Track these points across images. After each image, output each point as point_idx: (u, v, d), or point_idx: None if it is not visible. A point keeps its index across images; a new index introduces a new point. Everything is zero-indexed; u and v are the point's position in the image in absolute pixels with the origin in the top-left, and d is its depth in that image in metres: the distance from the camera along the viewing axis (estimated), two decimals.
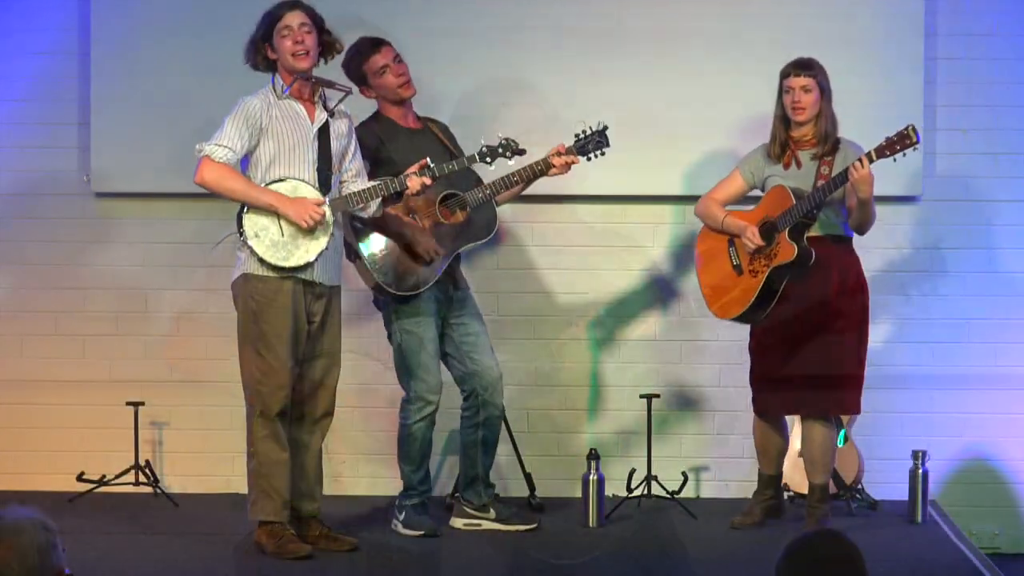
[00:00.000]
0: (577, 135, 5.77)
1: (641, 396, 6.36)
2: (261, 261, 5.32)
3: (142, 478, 6.46)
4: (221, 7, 6.49)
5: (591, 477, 5.98)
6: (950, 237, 6.61)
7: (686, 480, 6.39)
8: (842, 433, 6.03)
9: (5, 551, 2.81)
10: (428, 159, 5.52)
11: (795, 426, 6.08)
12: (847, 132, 5.89)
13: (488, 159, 5.63)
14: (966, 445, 6.58)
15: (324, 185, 5.40)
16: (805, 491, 5.96)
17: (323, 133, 5.43)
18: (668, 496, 6.24)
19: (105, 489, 6.42)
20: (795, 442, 6.08)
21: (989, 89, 6.57)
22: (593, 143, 5.78)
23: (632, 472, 6.31)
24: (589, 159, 5.80)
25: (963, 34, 6.56)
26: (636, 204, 6.65)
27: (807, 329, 5.67)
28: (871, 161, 5.51)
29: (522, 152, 5.67)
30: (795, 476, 6.16)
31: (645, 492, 6.27)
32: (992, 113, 6.58)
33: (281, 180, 5.36)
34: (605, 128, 5.77)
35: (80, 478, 6.44)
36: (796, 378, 5.70)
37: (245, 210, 5.33)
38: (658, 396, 6.40)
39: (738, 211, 5.84)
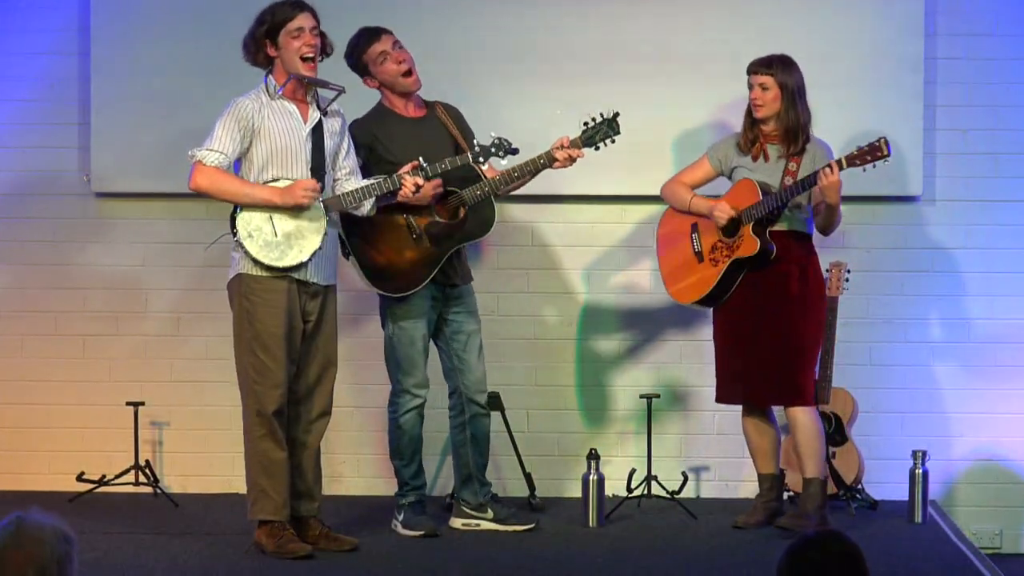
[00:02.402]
0: (586, 123, 5.69)
1: (641, 396, 6.37)
2: (255, 261, 5.32)
3: (142, 478, 6.46)
4: (221, 8, 6.49)
5: (591, 477, 5.98)
6: (950, 237, 6.61)
7: (686, 480, 6.39)
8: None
9: (24, 558, 2.74)
10: (420, 159, 5.49)
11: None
12: (847, 132, 5.91)
13: (481, 158, 5.61)
14: (966, 445, 6.58)
15: (319, 183, 5.39)
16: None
17: (316, 132, 5.43)
18: (668, 496, 6.23)
19: (105, 489, 6.42)
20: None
21: (989, 89, 6.57)
22: (601, 133, 5.68)
23: (632, 472, 6.31)
24: (597, 148, 5.71)
25: (963, 34, 6.56)
26: (636, 204, 6.65)
27: (766, 321, 5.74)
28: (840, 168, 5.56)
29: (515, 151, 5.62)
30: (794, 476, 6.17)
31: (645, 492, 6.27)
32: (992, 113, 6.58)
33: (275, 181, 5.35)
34: (616, 115, 5.69)
35: (80, 478, 6.44)
36: (754, 368, 5.76)
37: (238, 211, 5.33)
38: (658, 396, 6.40)
39: (703, 197, 5.90)
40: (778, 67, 5.77)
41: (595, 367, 6.71)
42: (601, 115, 5.66)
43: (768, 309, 5.75)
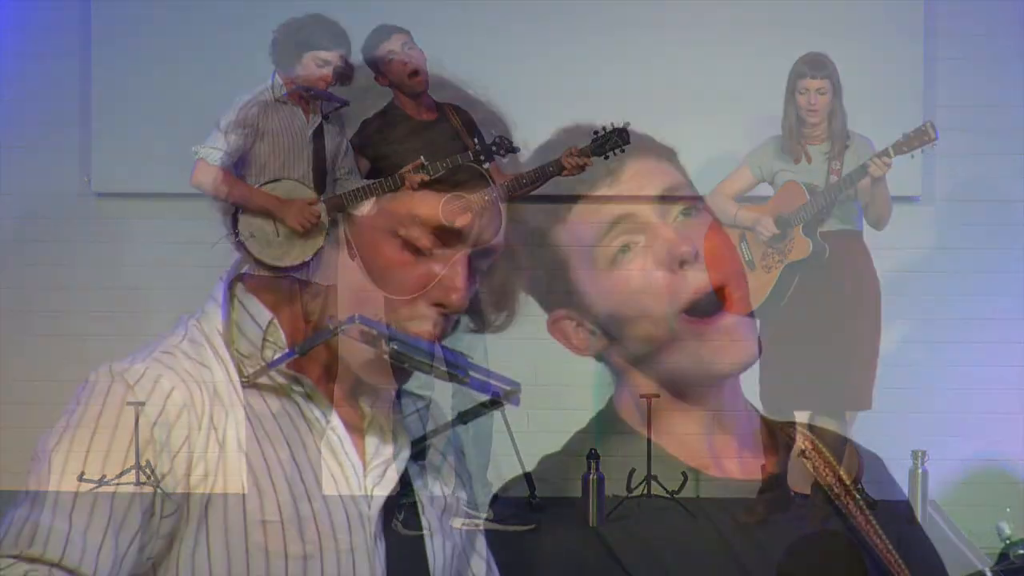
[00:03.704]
0: (596, 132, 5.73)
1: (641, 396, 6.36)
2: (256, 261, 5.33)
3: (142, 478, 6.45)
4: (222, 7, 6.50)
5: (591, 477, 5.98)
6: (950, 237, 6.62)
7: (686, 480, 6.38)
8: None
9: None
10: (422, 158, 5.50)
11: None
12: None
13: (482, 156, 5.62)
14: (966, 445, 6.59)
15: (320, 185, 5.40)
16: (805, 491, 5.97)
17: (318, 134, 5.44)
18: (668, 496, 6.23)
19: (105, 489, 6.41)
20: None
21: (989, 89, 6.58)
22: (611, 142, 5.73)
23: (632, 472, 6.31)
24: (607, 158, 5.76)
25: (963, 34, 6.57)
26: (635, 204, 6.65)
27: (823, 324, 5.71)
28: (890, 157, 5.59)
29: (516, 150, 5.64)
30: (795, 476, 6.17)
31: (645, 492, 6.27)
32: (992, 113, 6.58)
33: (276, 180, 5.36)
34: (626, 125, 5.75)
35: (80, 478, 6.43)
36: (810, 374, 5.73)
37: (239, 211, 5.34)
38: (658, 396, 6.39)
39: (750, 206, 5.89)
40: (831, 67, 5.74)
41: (595, 366, 6.70)
42: (612, 124, 5.71)
43: (826, 313, 5.75)
